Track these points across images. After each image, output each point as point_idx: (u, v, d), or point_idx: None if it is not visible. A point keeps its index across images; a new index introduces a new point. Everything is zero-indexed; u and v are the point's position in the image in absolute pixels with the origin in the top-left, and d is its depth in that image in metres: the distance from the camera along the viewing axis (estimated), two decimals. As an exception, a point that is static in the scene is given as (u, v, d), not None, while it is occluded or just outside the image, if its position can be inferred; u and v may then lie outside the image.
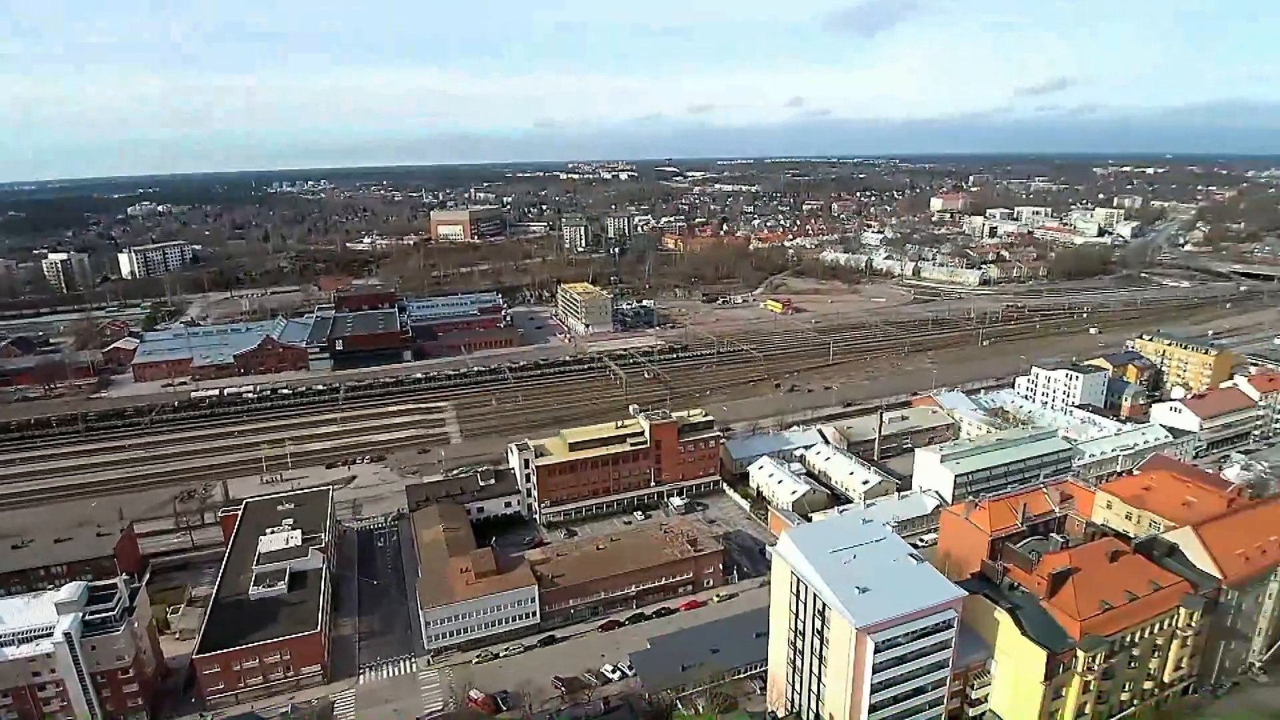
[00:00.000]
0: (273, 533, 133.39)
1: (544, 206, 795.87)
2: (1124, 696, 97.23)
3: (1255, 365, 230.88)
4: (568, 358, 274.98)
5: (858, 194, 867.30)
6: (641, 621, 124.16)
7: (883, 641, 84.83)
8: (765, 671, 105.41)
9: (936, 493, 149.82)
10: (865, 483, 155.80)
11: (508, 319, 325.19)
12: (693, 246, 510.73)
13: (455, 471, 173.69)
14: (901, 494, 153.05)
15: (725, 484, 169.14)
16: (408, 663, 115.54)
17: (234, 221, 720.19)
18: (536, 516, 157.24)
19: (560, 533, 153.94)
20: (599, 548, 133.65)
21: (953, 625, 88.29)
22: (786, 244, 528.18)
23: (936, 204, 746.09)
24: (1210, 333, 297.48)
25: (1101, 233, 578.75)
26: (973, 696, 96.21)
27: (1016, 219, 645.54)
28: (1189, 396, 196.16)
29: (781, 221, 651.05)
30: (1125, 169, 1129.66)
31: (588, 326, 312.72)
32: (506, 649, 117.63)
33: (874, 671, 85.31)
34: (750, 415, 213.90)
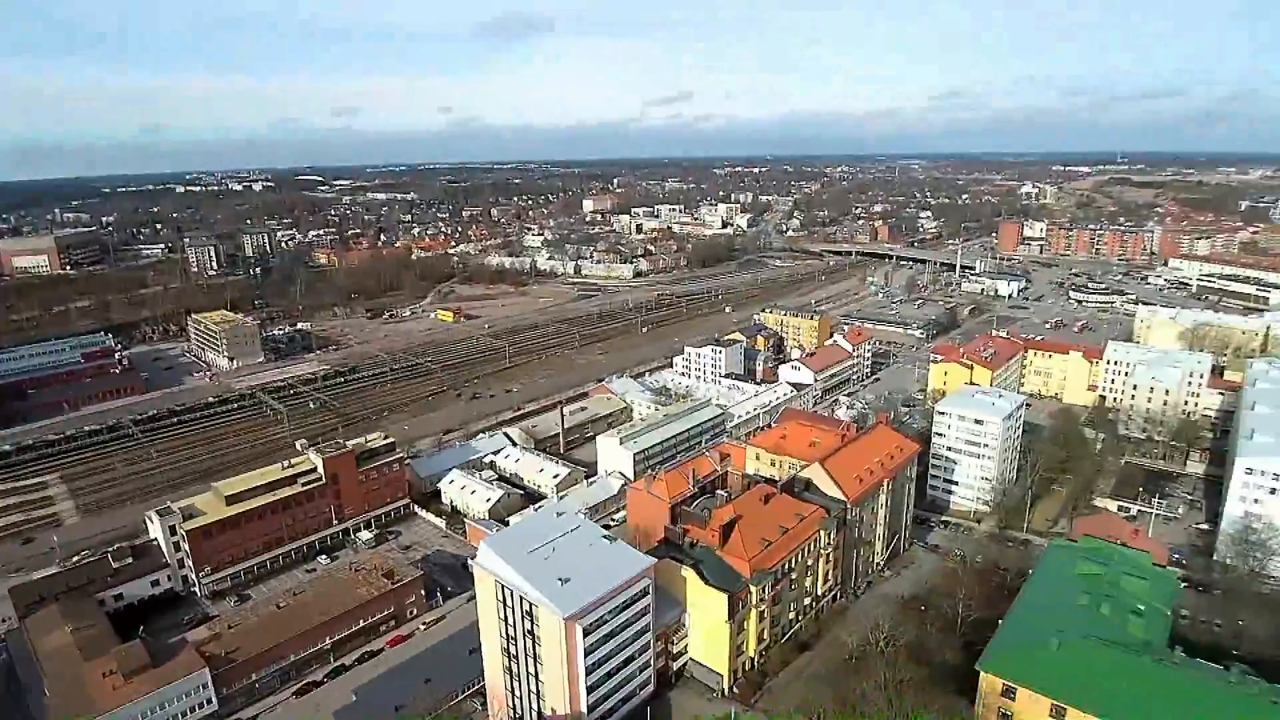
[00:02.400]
0: None
1: (159, 225, 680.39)
2: (790, 616, 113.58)
3: (847, 324, 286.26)
4: (212, 399, 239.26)
5: (515, 198, 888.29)
6: (343, 674, 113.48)
7: (590, 624, 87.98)
8: (484, 686, 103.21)
9: (620, 473, 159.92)
10: (555, 476, 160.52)
11: (124, 363, 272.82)
12: (349, 260, 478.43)
13: (77, 558, 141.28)
14: (590, 480, 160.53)
15: (416, 505, 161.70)
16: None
17: None
18: (197, 589, 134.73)
19: (230, 600, 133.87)
20: (280, 606, 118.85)
21: (649, 592, 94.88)
22: (450, 251, 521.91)
23: (588, 205, 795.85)
24: (813, 301, 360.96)
25: (724, 225, 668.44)
26: (674, 651, 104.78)
27: (657, 216, 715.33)
28: (804, 356, 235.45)
29: (443, 229, 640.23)
30: (738, 169, 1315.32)
31: (233, 360, 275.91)
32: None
33: (586, 654, 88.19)
34: (434, 430, 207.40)
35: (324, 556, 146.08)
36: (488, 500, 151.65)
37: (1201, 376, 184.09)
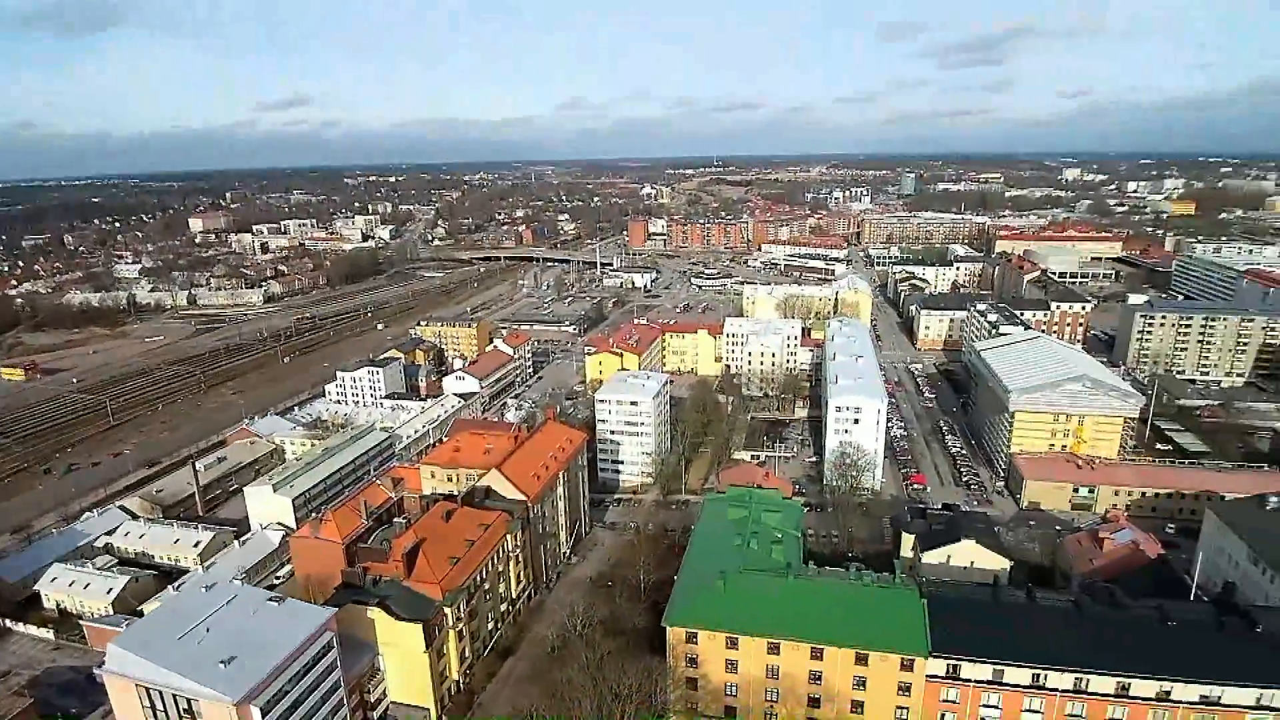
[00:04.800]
0: None
1: None
2: (490, 627, 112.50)
3: (505, 328, 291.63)
4: None
5: (97, 221, 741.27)
6: None
7: (268, 702, 77.26)
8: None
9: (279, 524, 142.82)
10: (197, 544, 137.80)
11: None
12: None
13: None
14: (243, 540, 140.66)
15: (8, 619, 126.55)
16: None
17: None
18: None
19: None
20: None
21: (333, 646, 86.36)
22: (10, 292, 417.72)
23: (197, 224, 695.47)
24: (469, 309, 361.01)
25: (365, 238, 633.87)
26: (371, 699, 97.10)
27: (285, 232, 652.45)
28: (467, 364, 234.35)
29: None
30: (373, 178, 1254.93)
31: None
32: None
33: (268, 736, 77.46)
34: (19, 520, 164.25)
35: None
36: (109, 591, 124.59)
37: (796, 339, 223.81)
